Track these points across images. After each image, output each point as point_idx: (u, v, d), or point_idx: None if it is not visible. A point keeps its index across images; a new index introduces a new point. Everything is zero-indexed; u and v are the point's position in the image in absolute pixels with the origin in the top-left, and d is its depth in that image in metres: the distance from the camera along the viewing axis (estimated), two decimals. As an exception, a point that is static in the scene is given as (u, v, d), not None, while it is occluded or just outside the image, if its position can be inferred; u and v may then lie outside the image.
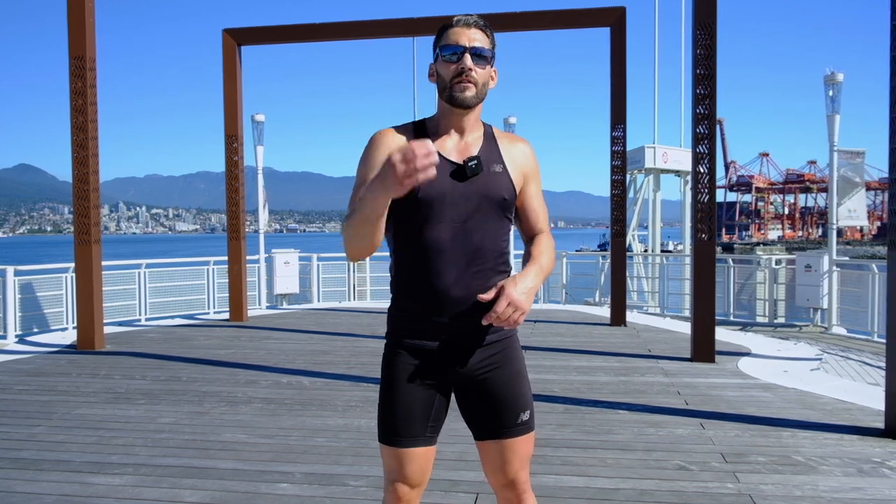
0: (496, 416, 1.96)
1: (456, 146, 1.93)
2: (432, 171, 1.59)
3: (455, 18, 1.91)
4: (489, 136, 1.99)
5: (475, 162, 1.89)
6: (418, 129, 1.96)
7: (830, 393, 5.48)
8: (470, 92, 1.87)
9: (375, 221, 1.74)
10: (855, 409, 5.00)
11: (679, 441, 4.25)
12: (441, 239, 1.87)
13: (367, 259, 13.98)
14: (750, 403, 5.16)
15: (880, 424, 4.49)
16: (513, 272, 2.01)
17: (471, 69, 1.86)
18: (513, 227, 2.04)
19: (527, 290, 1.77)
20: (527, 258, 1.94)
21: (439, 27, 1.94)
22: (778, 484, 3.52)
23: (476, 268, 1.88)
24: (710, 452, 4.02)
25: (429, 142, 1.58)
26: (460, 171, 1.88)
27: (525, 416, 1.98)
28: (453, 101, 1.88)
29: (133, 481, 3.65)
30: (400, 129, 1.97)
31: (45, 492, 3.50)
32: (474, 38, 1.87)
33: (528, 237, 2.04)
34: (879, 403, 4.70)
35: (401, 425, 1.92)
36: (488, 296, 1.79)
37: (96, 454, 4.09)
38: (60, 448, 4.22)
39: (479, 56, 1.87)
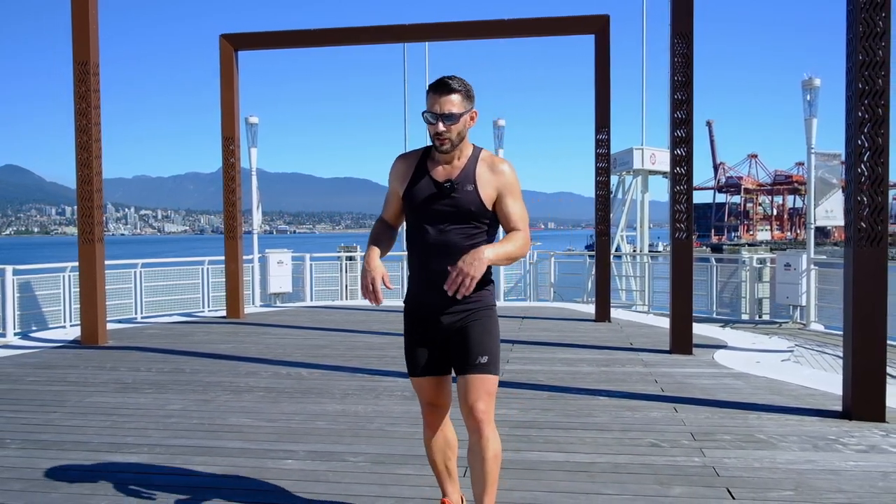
0: (463, 356, 2.60)
1: (444, 170, 2.58)
2: (374, 296, 2.47)
3: (435, 83, 2.49)
4: (473, 161, 2.59)
5: (449, 183, 2.54)
6: (423, 156, 2.63)
7: (798, 381, 5.85)
8: (445, 147, 2.52)
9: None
10: (818, 394, 5.37)
11: (653, 422, 4.60)
12: (428, 237, 2.55)
13: (359, 260, 14.33)
14: (721, 390, 5.52)
15: (839, 407, 4.86)
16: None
17: (444, 131, 2.47)
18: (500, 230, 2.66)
19: (474, 259, 2.32)
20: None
21: (429, 86, 2.50)
22: (739, 458, 3.88)
23: (453, 259, 2.43)
24: (681, 432, 4.37)
25: (375, 280, 2.45)
26: (441, 190, 2.54)
27: (483, 360, 2.57)
28: (437, 151, 2.55)
29: (148, 459, 3.96)
30: (411, 154, 2.68)
31: (69, 467, 3.81)
32: (445, 105, 2.46)
33: (506, 232, 2.62)
34: (841, 389, 5.06)
35: (408, 362, 2.73)
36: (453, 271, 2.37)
37: (112, 436, 4.40)
38: (78, 431, 4.52)
39: (450, 118, 2.46)
